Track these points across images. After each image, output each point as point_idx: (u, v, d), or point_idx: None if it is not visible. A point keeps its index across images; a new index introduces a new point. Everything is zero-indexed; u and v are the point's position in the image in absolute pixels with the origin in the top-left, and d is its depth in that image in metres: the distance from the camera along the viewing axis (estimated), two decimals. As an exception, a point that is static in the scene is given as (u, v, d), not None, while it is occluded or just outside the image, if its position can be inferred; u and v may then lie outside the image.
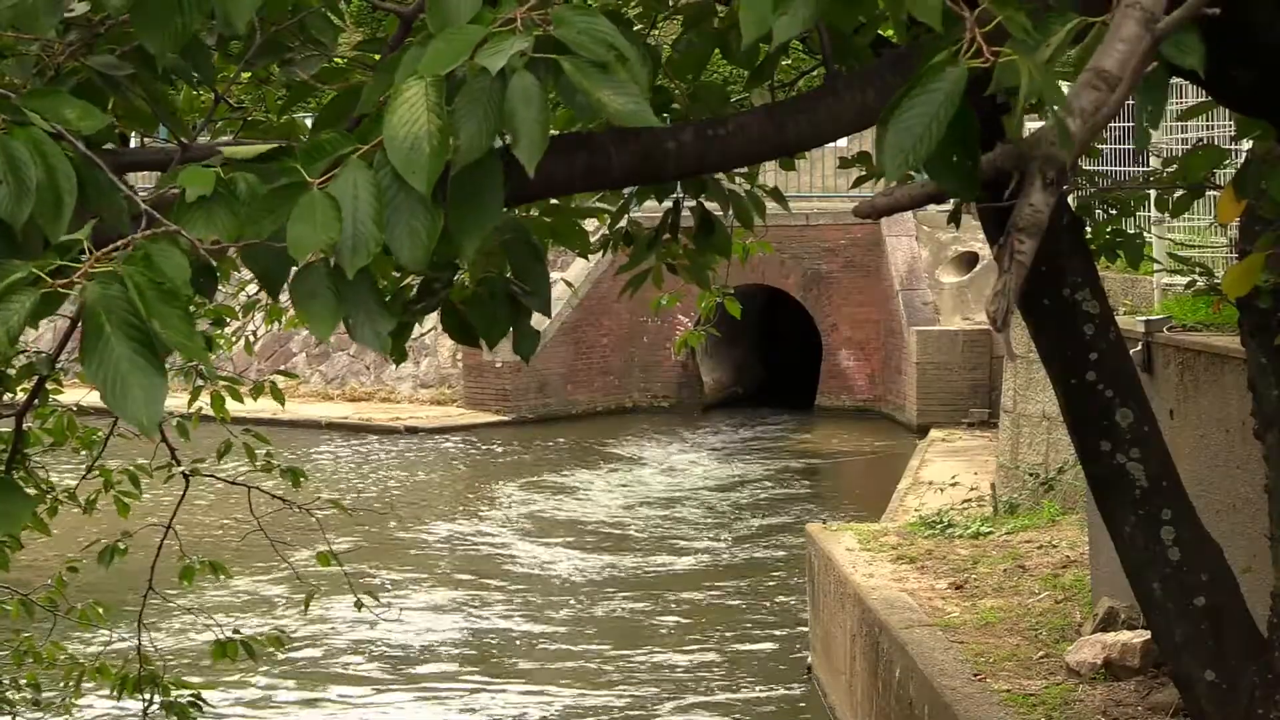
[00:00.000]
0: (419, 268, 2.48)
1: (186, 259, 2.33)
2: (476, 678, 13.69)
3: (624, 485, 21.74)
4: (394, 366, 25.49)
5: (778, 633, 14.68)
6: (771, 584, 16.36)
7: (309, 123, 3.49)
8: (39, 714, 7.84)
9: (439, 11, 2.50)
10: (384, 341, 2.48)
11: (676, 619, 15.20)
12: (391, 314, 2.49)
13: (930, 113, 2.38)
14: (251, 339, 8.39)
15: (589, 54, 2.42)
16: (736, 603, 15.76)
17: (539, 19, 2.44)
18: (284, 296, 2.73)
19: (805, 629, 13.27)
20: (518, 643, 14.61)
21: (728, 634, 14.69)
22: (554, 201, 3.92)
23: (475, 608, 15.80)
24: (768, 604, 15.64)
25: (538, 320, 3.30)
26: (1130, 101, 2.69)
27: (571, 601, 15.88)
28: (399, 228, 2.44)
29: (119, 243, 2.32)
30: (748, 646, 14.30)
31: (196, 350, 2.28)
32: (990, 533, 12.03)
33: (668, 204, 5.20)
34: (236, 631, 7.26)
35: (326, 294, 2.42)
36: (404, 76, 2.46)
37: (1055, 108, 2.33)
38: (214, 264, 2.44)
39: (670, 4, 4.60)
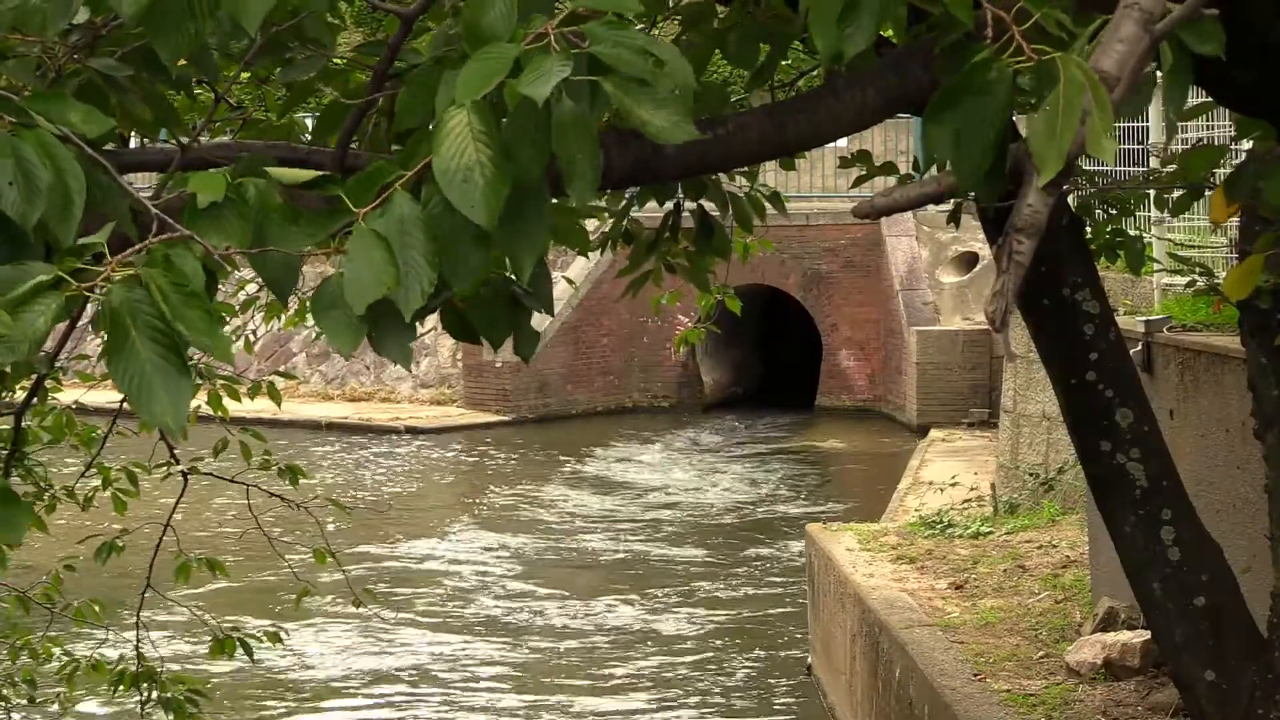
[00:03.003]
0: (470, 293, 2.49)
1: (200, 265, 2.32)
2: (472, 681, 13.69)
3: (624, 485, 21.73)
4: (394, 366, 25.49)
5: (777, 632, 14.69)
6: (771, 583, 16.37)
7: (309, 122, 3.49)
8: (35, 711, 7.85)
9: (475, 30, 2.49)
10: (408, 354, 2.47)
11: (675, 618, 15.20)
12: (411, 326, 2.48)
13: (986, 119, 2.39)
14: (251, 338, 8.38)
15: (628, 68, 2.41)
16: (736, 602, 15.76)
17: (571, 35, 2.43)
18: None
19: (805, 629, 13.27)
20: (515, 644, 14.60)
21: (727, 633, 14.69)
22: (554, 201, 3.92)
23: (471, 609, 15.80)
24: (767, 603, 15.65)
25: (538, 320, 3.30)
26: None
27: (569, 602, 15.88)
28: (455, 260, 2.43)
29: (135, 248, 2.32)
30: (747, 646, 14.30)
31: (222, 349, 2.27)
32: (990, 533, 12.03)
33: (668, 205, 5.20)
34: (235, 629, 7.27)
35: (348, 308, 2.40)
36: (444, 102, 2.45)
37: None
38: (224, 268, 2.44)
39: (670, 4, 4.60)
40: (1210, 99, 4.25)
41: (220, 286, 2.95)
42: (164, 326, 2.23)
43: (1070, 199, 6.03)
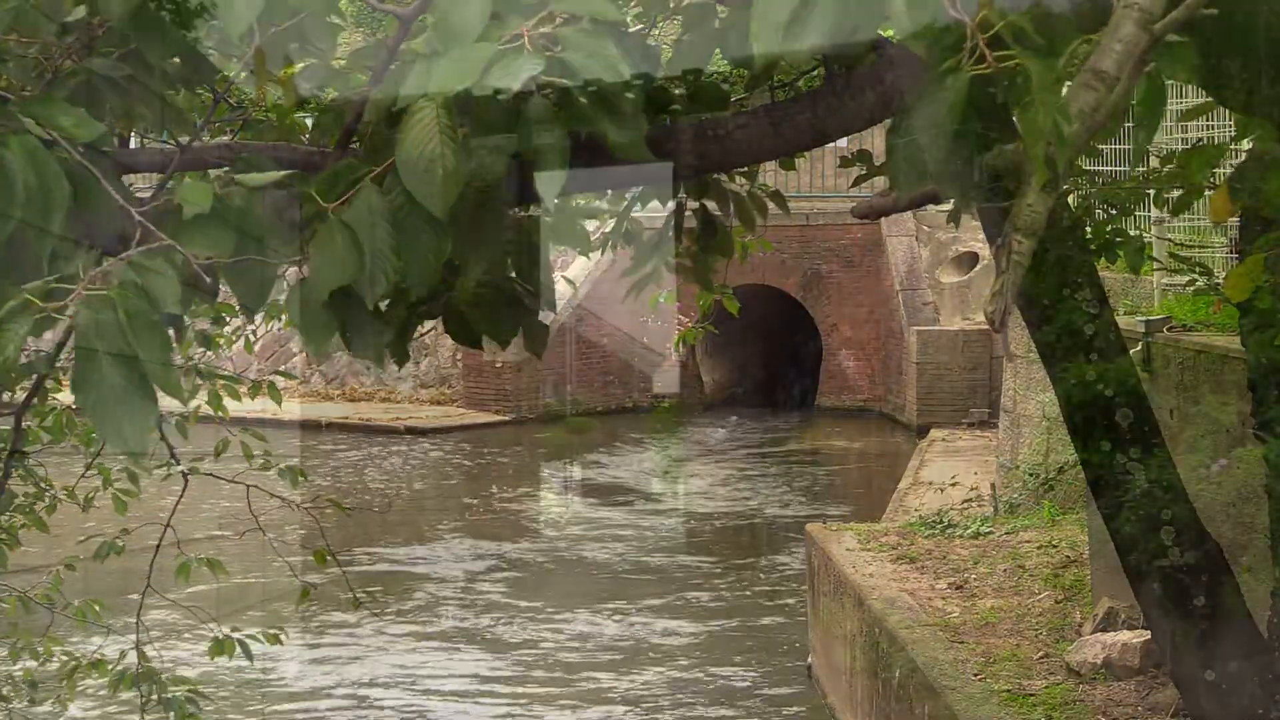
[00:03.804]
0: (425, 289, 2.49)
1: (178, 277, 2.33)
2: (469, 686, 13.68)
3: (622, 486, 21.73)
4: (394, 366, 25.50)
5: (777, 633, 14.69)
6: (771, 584, 16.37)
7: (309, 122, 3.49)
8: (36, 710, 7.84)
9: (447, 26, 2.49)
10: (380, 353, 2.48)
11: (674, 620, 15.19)
12: (387, 322, 2.49)
13: (936, 123, 2.39)
14: (251, 338, 8.37)
15: (597, 83, 2.44)
16: (735, 603, 15.76)
17: (545, 38, 2.44)
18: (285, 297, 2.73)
19: (805, 629, 13.27)
20: (514, 648, 14.59)
21: (727, 634, 14.69)
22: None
23: (468, 612, 15.79)
24: (767, 604, 15.65)
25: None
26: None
27: (568, 603, 15.88)
28: (412, 251, 2.45)
29: (115, 262, 2.32)
30: (747, 646, 14.30)
31: (170, 384, 2.28)
32: (990, 533, 12.04)
33: (671, 205, 5.20)
34: (235, 629, 7.27)
35: (321, 309, 2.41)
36: (411, 93, 2.46)
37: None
38: (205, 279, 2.45)
39: (670, 4, 4.60)
40: (1210, 99, 4.25)
41: (222, 286, 2.95)
42: (130, 350, 2.26)
43: (1070, 199, 6.03)
